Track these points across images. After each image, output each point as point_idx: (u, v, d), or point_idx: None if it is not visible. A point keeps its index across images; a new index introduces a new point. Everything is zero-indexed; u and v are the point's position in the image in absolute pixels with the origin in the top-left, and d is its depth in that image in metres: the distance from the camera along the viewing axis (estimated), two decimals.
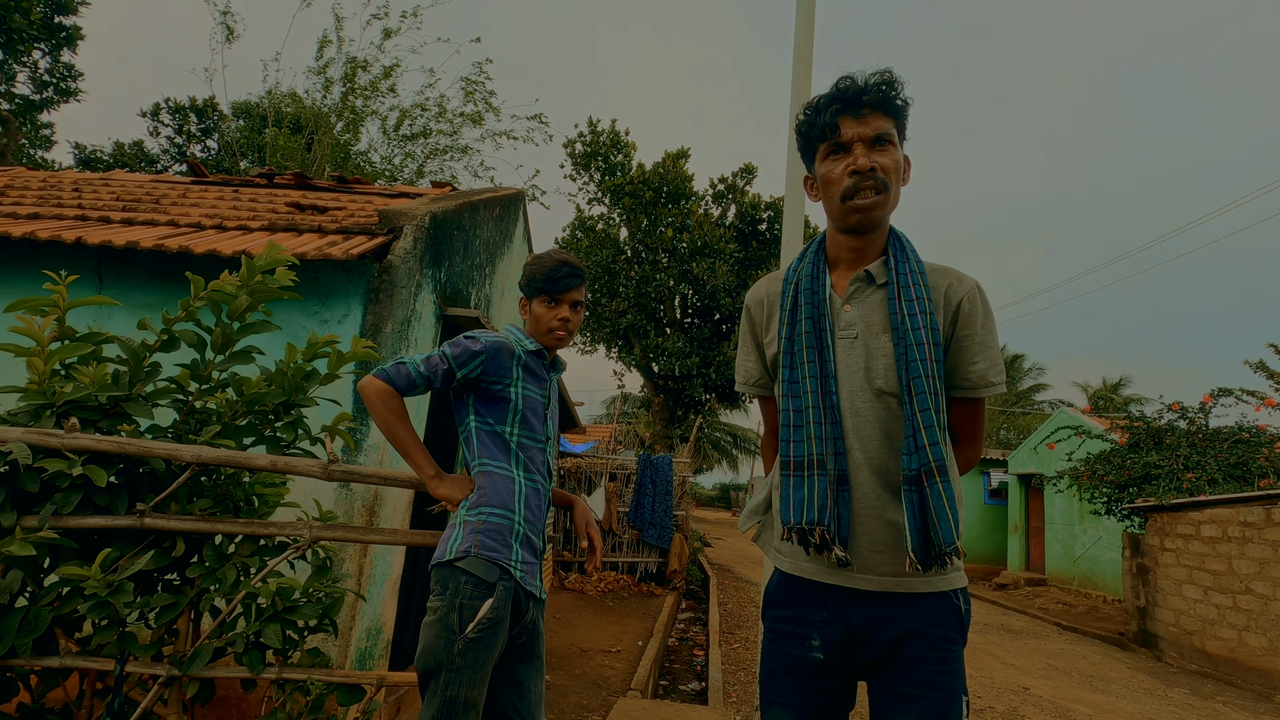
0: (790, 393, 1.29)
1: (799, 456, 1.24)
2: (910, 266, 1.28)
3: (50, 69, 13.12)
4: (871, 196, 1.24)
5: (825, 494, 1.21)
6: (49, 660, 1.75)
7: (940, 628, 1.21)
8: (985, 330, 1.27)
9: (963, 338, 1.27)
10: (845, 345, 1.29)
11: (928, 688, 1.17)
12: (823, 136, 1.27)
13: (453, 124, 15.49)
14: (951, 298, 1.28)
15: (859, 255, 1.32)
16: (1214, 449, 9.00)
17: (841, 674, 1.27)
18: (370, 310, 3.23)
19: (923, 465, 1.17)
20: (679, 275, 14.03)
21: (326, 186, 5.37)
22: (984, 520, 16.70)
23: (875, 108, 1.24)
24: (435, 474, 1.74)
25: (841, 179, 1.25)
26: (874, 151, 1.24)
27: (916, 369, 1.20)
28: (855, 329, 1.28)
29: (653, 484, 9.57)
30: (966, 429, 1.36)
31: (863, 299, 1.30)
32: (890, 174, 1.24)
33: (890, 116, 1.25)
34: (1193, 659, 7.49)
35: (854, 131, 1.24)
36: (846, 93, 1.24)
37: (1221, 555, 7.36)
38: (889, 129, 1.25)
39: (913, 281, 1.26)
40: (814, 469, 1.23)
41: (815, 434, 1.23)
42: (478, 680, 1.51)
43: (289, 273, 1.97)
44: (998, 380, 1.28)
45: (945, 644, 1.20)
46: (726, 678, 5.43)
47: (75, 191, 4.51)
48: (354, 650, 2.89)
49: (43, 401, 1.80)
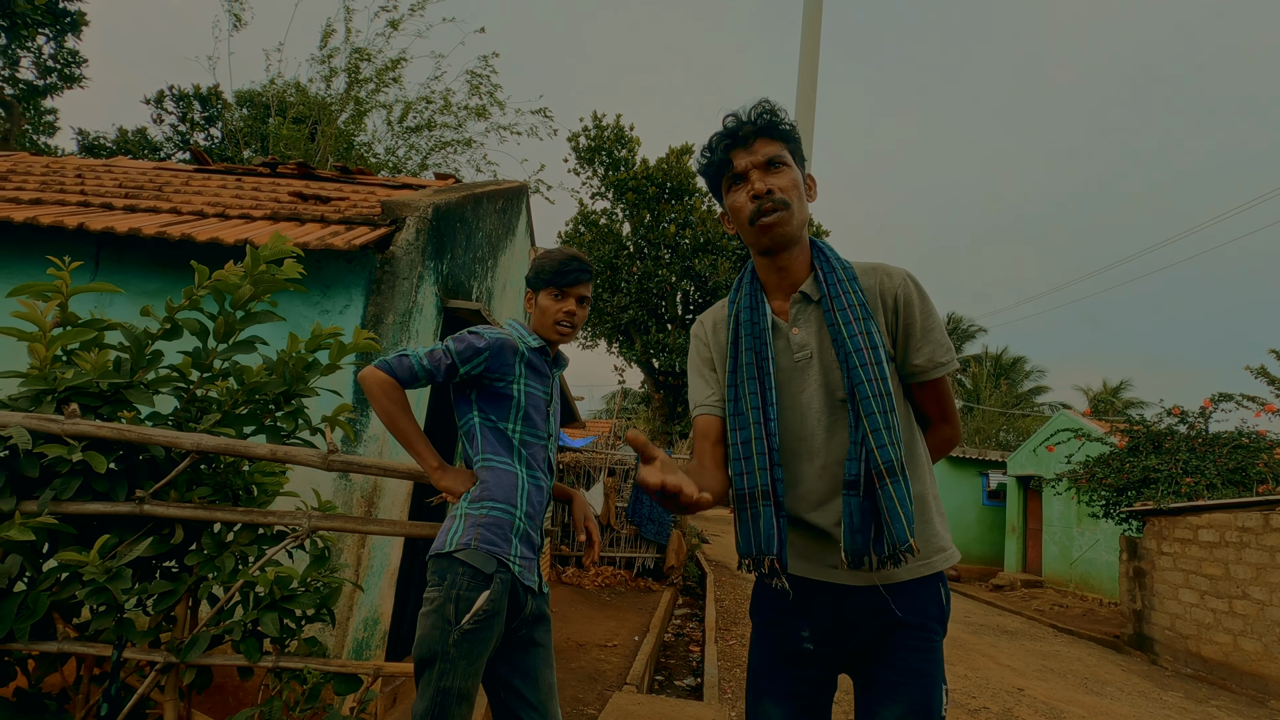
0: (736, 425, 1.33)
1: (751, 488, 1.29)
2: (838, 276, 1.34)
3: (54, 54, 13.10)
4: (775, 215, 1.30)
5: (772, 523, 1.25)
6: (47, 645, 1.76)
7: (922, 617, 1.26)
8: (925, 315, 1.32)
9: (906, 328, 1.32)
10: (803, 366, 1.34)
11: (912, 676, 1.23)
12: (720, 171, 1.35)
13: (457, 116, 15.47)
14: (886, 295, 1.33)
15: (786, 275, 1.38)
16: (1213, 454, 8.99)
17: (828, 664, 1.32)
18: (372, 301, 3.23)
19: (871, 468, 1.21)
20: (681, 271, 14.02)
21: (329, 177, 5.37)
22: (982, 521, 16.72)
23: (760, 135, 1.31)
24: (439, 465, 1.74)
25: (745, 205, 1.32)
26: (769, 174, 1.31)
27: (858, 375, 1.25)
28: (808, 348, 1.34)
29: None
30: (934, 410, 1.39)
31: (806, 318, 1.36)
32: (788, 192, 1.30)
33: (778, 141, 1.32)
34: (1188, 663, 7.50)
35: (746, 160, 1.32)
36: (733, 129, 1.32)
37: (1218, 560, 7.37)
38: (779, 152, 1.31)
39: (843, 290, 1.32)
40: (760, 500, 1.27)
41: (760, 465, 1.28)
42: (472, 671, 1.51)
43: (296, 265, 1.97)
44: (946, 360, 1.32)
45: (927, 634, 1.26)
46: (722, 673, 5.44)
47: (78, 178, 4.51)
48: (351, 640, 2.90)
49: (44, 387, 1.80)
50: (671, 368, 14.41)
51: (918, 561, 1.26)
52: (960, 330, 28.60)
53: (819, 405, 1.32)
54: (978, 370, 27.48)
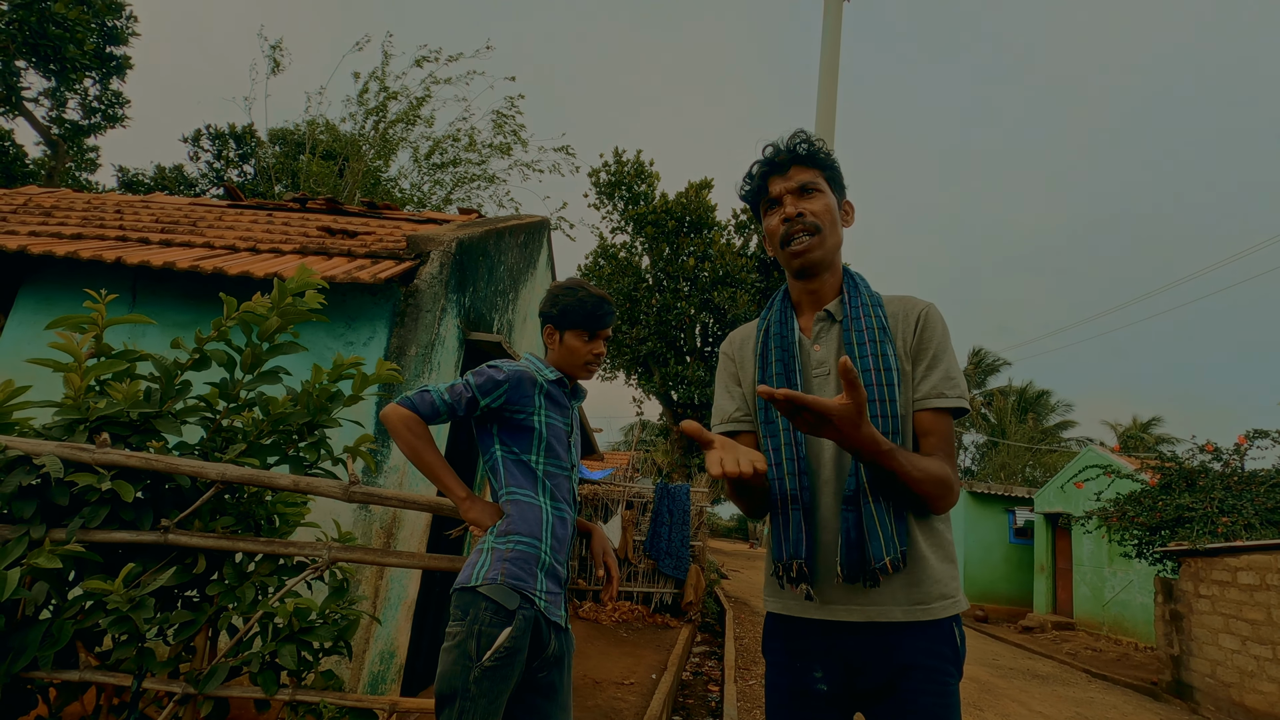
0: (768, 433, 1.38)
1: (783, 493, 1.32)
2: (862, 300, 1.39)
3: (99, 96, 13.69)
4: (805, 240, 1.35)
5: (800, 528, 1.29)
6: (69, 674, 1.77)
7: (937, 660, 1.24)
8: (941, 344, 1.35)
9: (920, 349, 1.35)
10: (820, 382, 1.38)
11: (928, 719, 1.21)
12: (758, 196, 1.43)
13: (481, 154, 15.85)
14: (910, 315, 1.38)
15: (816, 297, 1.43)
16: (1250, 492, 8.70)
17: (843, 705, 1.31)
18: (395, 333, 3.28)
19: (860, 484, 1.25)
20: (700, 304, 14.08)
21: (356, 211, 5.50)
22: (1009, 560, 16.26)
23: (795, 163, 1.38)
24: (467, 496, 1.74)
25: (778, 228, 1.39)
26: (802, 200, 1.37)
27: (866, 393, 1.26)
28: (826, 365, 1.38)
29: (669, 513, 9.48)
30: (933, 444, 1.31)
31: (827, 337, 1.40)
32: (821, 217, 1.36)
33: (814, 168, 1.38)
34: (1230, 712, 7.16)
35: (780, 186, 1.38)
36: (771, 156, 1.40)
37: (1260, 604, 7.08)
38: (814, 179, 1.38)
39: (864, 314, 1.36)
40: (790, 504, 1.31)
41: (789, 470, 1.32)
42: (493, 710, 1.49)
43: (318, 295, 2.02)
44: (951, 393, 1.31)
45: (942, 676, 1.24)
46: (741, 715, 5.30)
47: (117, 213, 4.67)
48: (367, 673, 2.88)
49: (77, 416, 1.84)
50: (690, 399, 14.37)
51: (916, 605, 1.25)
52: (984, 364, 28.24)
53: None
54: (1002, 404, 27.03)
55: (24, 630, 1.71)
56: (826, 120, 3.28)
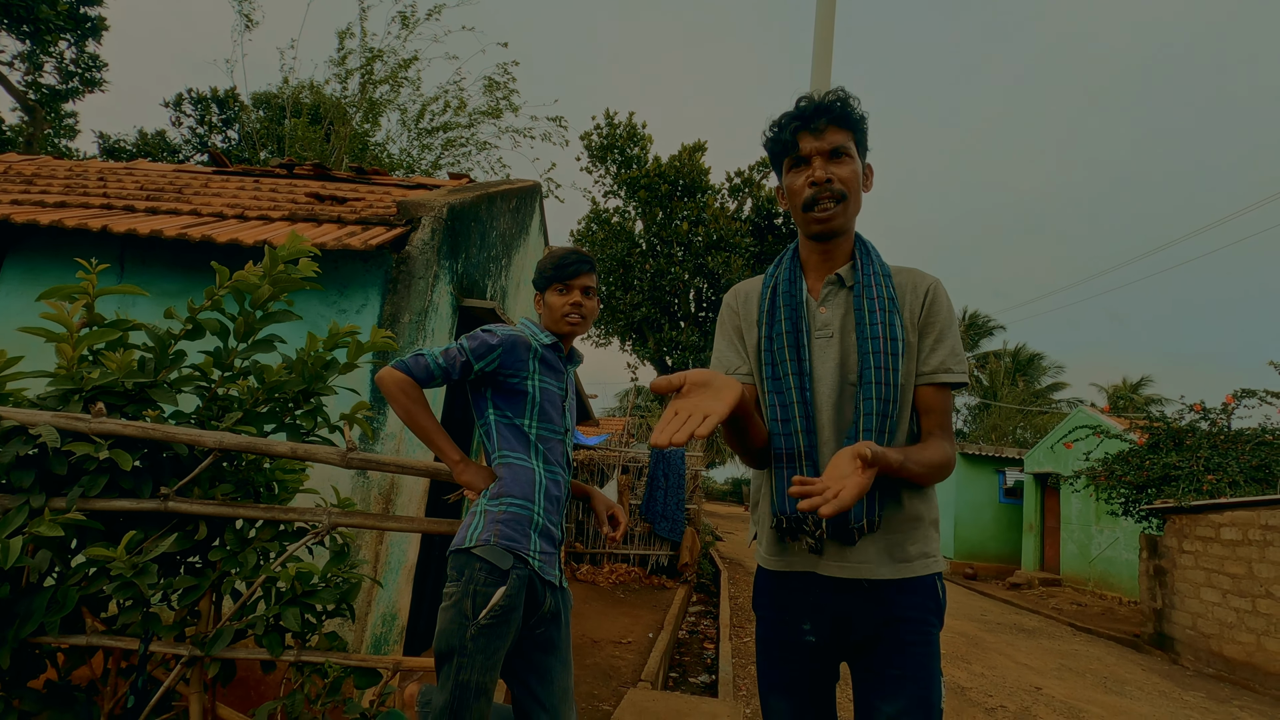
0: (774, 389, 1.38)
1: (789, 449, 1.33)
2: (874, 269, 1.39)
3: (75, 59, 13.31)
4: (831, 207, 1.34)
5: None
6: (76, 638, 1.80)
7: (921, 612, 1.31)
8: (948, 320, 1.38)
9: (927, 324, 1.37)
10: (822, 344, 1.39)
11: (913, 670, 1.27)
12: (785, 151, 1.38)
13: (471, 118, 15.54)
14: (919, 288, 1.40)
15: (828, 260, 1.43)
16: (1236, 451, 8.85)
17: (830, 656, 1.36)
18: (388, 301, 3.26)
19: None
20: (694, 269, 14.01)
21: (345, 177, 5.42)
22: (998, 519, 16.57)
23: (831, 123, 1.33)
24: (461, 459, 1.76)
25: (802, 190, 1.35)
26: (831, 164, 1.34)
27: (869, 360, 1.31)
28: (831, 328, 1.39)
29: (665, 477, 9.58)
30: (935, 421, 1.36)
31: (835, 300, 1.40)
32: (848, 184, 1.34)
33: (847, 130, 1.35)
34: (1209, 662, 7.40)
35: (812, 146, 1.34)
36: (804, 111, 1.34)
37: (1241, 558, 7.26)
38: (845, 142, 1.34)
39: (875, 283, 1.37)
40: (800, 459, 1.32)
41: (800, 427, 1.33)
42: (490, 665, 1.53)
43: (312, 264, 2.00)
44: (956, 369, 1.35)
45: (925, 627, 1.30)
46: (737, 670, 5.45)
47: (100, 180, 4.59)
48: (369, 636, 2.94)
49: (71, 386, 1.84)
50: (684, 365, 14.40)
51: (901, 563, 1.31)
52: (978, 326, 28.32)
53: (830, 384, 1.36)
54: (995, 366, 27.21)
55: (29, 597, 1.73)
56: (822, 78, 3.23)
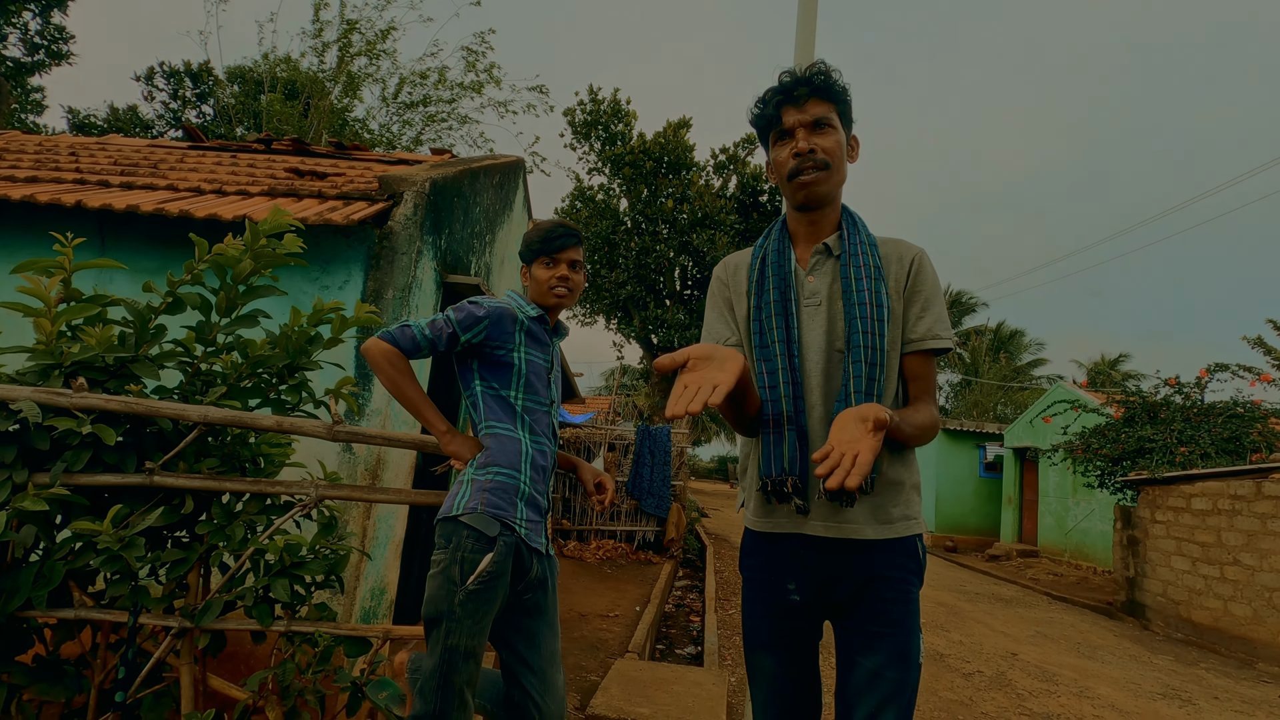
0: (762, 357, 1.41)
1: (776, 415, 1.36)
2: (861, 239, 1.43)
3: (41, 31, 12.89)
4: (814, 174, 1.37)
5: (795, 447, 1.34)
6: (64, 612, 1.80)
7: (902, 571, 1.35)
8: (933, 289, 1.43)
9: (913, 292, 1.42)
10: (810, 312, 1.42)
11: (893, 626, 1.31)
12: (769, 125, 1.42)
13: (453, 91, 15.29)
14: (904, 258, 1.44)
15: (815, 230, 1.46)
16: (1208, 424, 9.07)
17: (814, 614, 1.40)
18: (371, 276, 3.24)
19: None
20: (679, 246, 13.98)
21: (325, 152, 5.34)
22: (979, 493, 16.89)
23: (813, 95, 1.37)
24: (448, 430, 1.77)
25: (787, 161, 1.39)
26: (814, 134, 1.37)
27: (856, 326, 1.35)
28: (819, 296, 1.43)
29: (651, 454, 9.66)
30: (921, 387, 1.42)
31: (823, 269, 1.44)
32: (831, 154, 1.37)
33: (829, 102, 1.38)
34: (1179, 628, 7.65)
35: (794, 118, 1.38)
36: (786, 84, 1.38)
37: (1210, 528, 7.48)
38: (828, 114, 1.38)
39: (862, 252, 1.41)
40: (785, 424, 1.35)
41: (786, 393, 1.36)
42: (478, 630, 1.56)
43: (296, 239, 1.99)
44: (944, 335, 1.40)
45: (905, 585, 1.35)
46: (722, 641, 5.56)
47: (72, 155, 4.48)
48: (358, 609, 2.96)
49: (50, 361, 1.82)
50: (670, 343, 14.43)
51: (884, 524, 1.35)
52: (961, 303, 28.59)
53: (817, 351, 1.39)
54: (977, 343, 27.51)
55: (15, 572, 1.73)
56: (805, 55, 3.21)
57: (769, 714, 1.41)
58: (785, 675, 1.40)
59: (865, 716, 1.27)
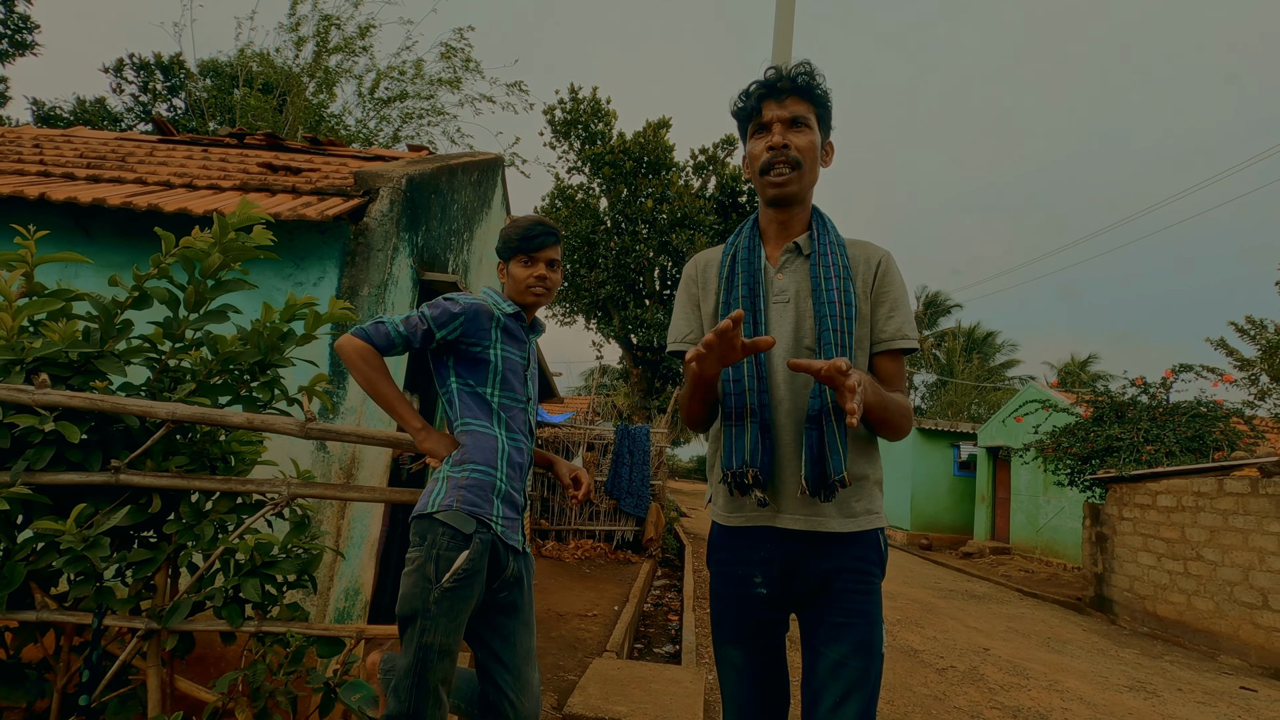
0: None
1: (738, 408, 1.38)
2: (830, 239, 1.46)
3: (4, 20, 12.54)
4: (786, 173, 1.39)
5: (756, 439, 1.36)
6: (25, 614, 1.76)
7: (864, 563, 1.38)
8: (900, 290, 1.46)
9: (881, 293, 1.44)
10: (779, 309, 1.44)
11: (856, 616, 1.34)
12: (749, 118, 1.44)
13: (431, 85, 15.15)
14: (871, 260, 1.46)
15: (785, 228, 1.48)
16: (1173, 423, 9.30)
17: (780, 606, 1.43)
18: (346, 273, 3.20)
19: (822, 406, 1.32)
20: (659, 246, 13.99)
21: (299, 148, 5.26)
22: (953, 492, 17.13)
23: (795, 93, 1.39)
24: (423, 427, 1.75)
25: (761, 154, 1.42)
26: (790, 131, 1.40)
27: (826, 324, 1.37)
28: (787, 294, 1.45)
29: (630, 454, 9.66)
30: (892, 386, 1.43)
31: (792, 268, 1.46)
32: (804, 153, 1.40)
33: (809, 102, 1.41)
34: (1144, 622, 7.83)
35: (774, 113, 1.40)
36: (770, 80, 1.40)
37: (1175, 524, 7.67)
38: (806, 113, 1.40)
39: (831, 252, 1.43)
40: (748, 417, 1.37)
41: (750, 386, 1.37)
42: (453, 628, 1.55)
43: (266, 232, 1.95)
44: (911, 335, 1.43)
45: (868, 577, 1.37)
46: (700, 640, 5.57)
47: (36, 148, 4.37)
48: (332, 609, 2.93)
49: (11, 357, 1.77)
50: (650, 343, 14.44)
51: (848, 518, 1.37)
52: (936, 305, 28.99)
53: (784, 347, 1.41)
54: (951, 345, 27.93)
55: None
56: (782, 55, 3.24)
57: (737, 705, 1.42)
58: (753, 667, 1.42)
59: (831, 705, 1.29)
